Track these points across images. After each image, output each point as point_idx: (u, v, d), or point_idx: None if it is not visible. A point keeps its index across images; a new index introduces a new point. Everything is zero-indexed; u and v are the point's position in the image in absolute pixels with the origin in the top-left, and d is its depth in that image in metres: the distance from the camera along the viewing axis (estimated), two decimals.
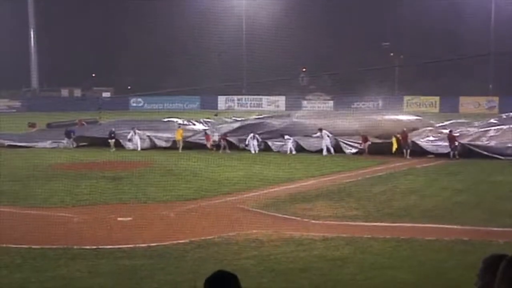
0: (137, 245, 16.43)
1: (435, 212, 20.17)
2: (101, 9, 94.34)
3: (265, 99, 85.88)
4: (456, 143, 34.06)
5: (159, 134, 41.98)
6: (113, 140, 41.01)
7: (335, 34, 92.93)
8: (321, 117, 43.74)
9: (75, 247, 16.23)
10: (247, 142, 38.65)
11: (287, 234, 17.34)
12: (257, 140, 38.49)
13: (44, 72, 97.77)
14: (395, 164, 32.11)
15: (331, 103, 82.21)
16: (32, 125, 51.73)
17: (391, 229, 18.00)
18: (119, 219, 19.82)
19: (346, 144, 37.30)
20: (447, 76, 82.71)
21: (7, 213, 20.62)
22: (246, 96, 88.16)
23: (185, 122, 47.01)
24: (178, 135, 40.54)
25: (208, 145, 39.72)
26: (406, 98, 78.95)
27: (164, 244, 16.60)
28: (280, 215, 20.03)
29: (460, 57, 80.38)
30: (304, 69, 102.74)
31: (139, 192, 24.31)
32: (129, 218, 19.91)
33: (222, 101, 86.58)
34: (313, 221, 19.14)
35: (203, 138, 40.55)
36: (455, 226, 18.23)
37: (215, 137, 40.06)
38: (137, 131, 41.19)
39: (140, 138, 40.88)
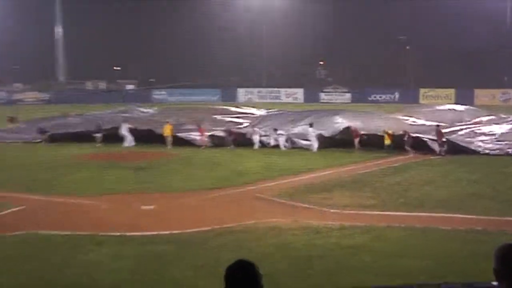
0: (160, 232, 16.85)
1: (450, 203, 20.29)
2: (126, 4, 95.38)
3: (283, 91, 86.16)
4: (444, 139, 32.10)
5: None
6: (100, 135, 36.80)
7: (353, 27, 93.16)
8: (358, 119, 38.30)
9: (100, 233, 16.69)
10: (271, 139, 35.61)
11: (305, 223, 17.60)
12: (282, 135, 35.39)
13: (70, 65, 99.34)
14: (409, 156, 32.11)
15: (348, 95, 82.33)
16: (11, 120, 43.90)
17: (406, 218, 18.20)
18: (142, 207, 20.31)
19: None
20: (462, 68, 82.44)
21: (42, 201, 21.54)
22: (265, 89, 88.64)
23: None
24: (167, 130, 36.15)
25: (199, 141, 35.84)
26: (422, 90, 78.79)
27: (186, 231, 17.02)
28: (298, 204, 20.33)
29: (475, 50, 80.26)
30: (321, 62, 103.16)
31: (161, 182, 24.99)
32: (152, 206, 20.43)
33: (241, 94, 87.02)
34: (330, 210, 19.43)
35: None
36: (470, 216, 18.35)
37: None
38: (128, 125, 37.13)
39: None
